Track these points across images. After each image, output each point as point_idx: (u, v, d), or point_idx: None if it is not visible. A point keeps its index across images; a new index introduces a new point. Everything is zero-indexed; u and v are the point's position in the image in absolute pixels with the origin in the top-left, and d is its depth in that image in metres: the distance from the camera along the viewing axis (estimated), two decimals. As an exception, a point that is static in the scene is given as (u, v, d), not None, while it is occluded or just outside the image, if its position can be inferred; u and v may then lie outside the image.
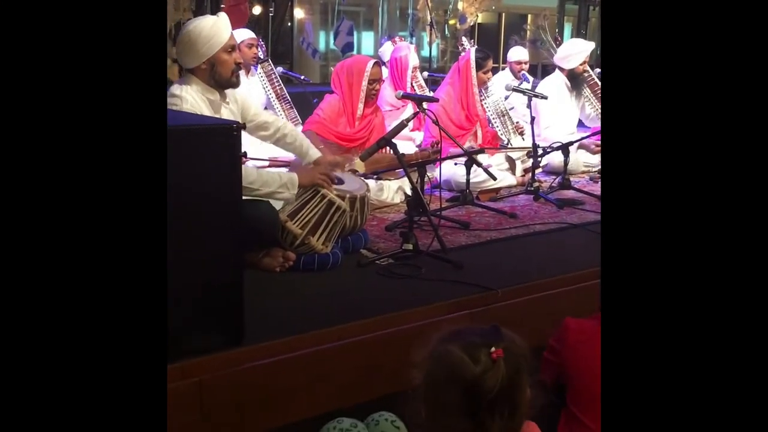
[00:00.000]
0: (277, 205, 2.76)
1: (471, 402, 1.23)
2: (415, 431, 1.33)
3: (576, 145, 4.61)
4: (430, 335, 1.33)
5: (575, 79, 5.05)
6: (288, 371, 2.09)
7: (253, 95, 4.62)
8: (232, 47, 2.78)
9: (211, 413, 1.95)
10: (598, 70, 5.47)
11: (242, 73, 3.50)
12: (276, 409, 2.07)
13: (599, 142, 4.84)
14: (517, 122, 4.80)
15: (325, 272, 2.72)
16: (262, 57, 4.73)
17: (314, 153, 3.11)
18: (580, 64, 5.01)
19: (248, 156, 3.43)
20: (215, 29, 2.73)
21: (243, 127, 2.00)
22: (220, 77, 2.77)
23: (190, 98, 2.68)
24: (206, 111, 2.73)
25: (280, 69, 5.07)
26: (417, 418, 1.31)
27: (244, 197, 2.13)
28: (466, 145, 4.10)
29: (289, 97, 4.84)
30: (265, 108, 4.80)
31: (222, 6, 6.73)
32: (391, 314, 2.32)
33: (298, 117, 4.76)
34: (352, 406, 2.14)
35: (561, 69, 5.09)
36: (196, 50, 2.71)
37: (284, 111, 4.78)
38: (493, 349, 1.24)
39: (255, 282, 2.46)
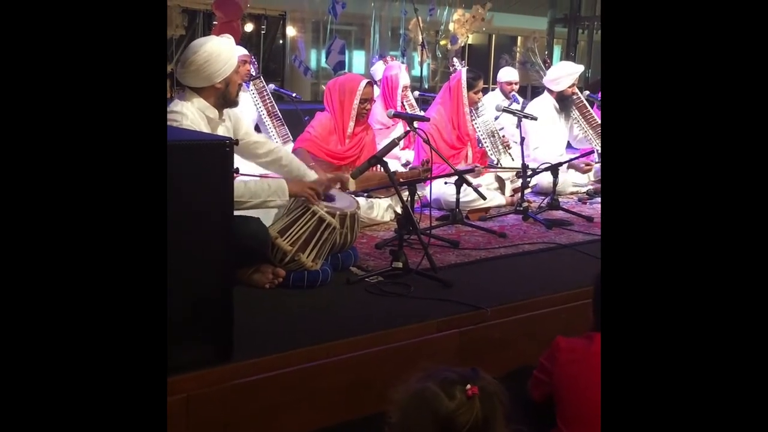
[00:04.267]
0: (267, 221, 2.76)
1: None
2: None
3: (566, 165, 4.65)
4: (410, 374, 1.34)
5: (564, 101, 5.10)
6: (276, 388, 2.08)
7: (245, 112, 4.63)
8: (238, 66, 2.84)
9: (198, 430, 1.94)
10: (587, 92, 5.52)
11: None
12: (264, 426, 2.05)
13: (589, 162, 4.88)
14: (503, 136, 4.84)
15: (314, 289, 2.71)
16: (254, 74, 4.75)
17: (311, 175, 3.10)
18: (569, 87, 5.06)
19: (240, 172, 3.43)
20: (230, 51, 2.78)
21: (236, 143, 2.00)
22: (229, 96, 2.82)
23: (190, 114, 2.69)
24: (204, 128, 2.74)
25: (271, 86, 5.08)
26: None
27: (234, 212, 2.13)
28: (458, 167, 4.12)
29: (280, 114, 4.85)
30: (256, 125, 4.82)
31: (214, 23, 6.76)
32: (380, 332, 2.32)
33: (289, 134, 4.77)
34: (340, 424, 2.13)
35: (550, 91, 5.14)
36: (213, 71, 2.73)
37: (275, 128, 4.78)
38: (468, 386, 1.26)
39: (244, 298, 2.45)
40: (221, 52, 2.73)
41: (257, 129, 4.84)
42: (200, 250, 1.92)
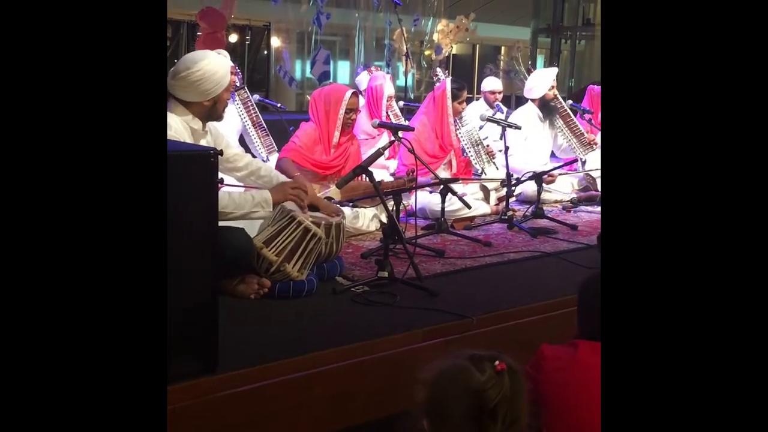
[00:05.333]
0: (252, 231, 2.76)
1: (475, 409, 1.28)
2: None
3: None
4: (436, 359, 1.38)
5: (547, 107, 5.14)
6: (263, 399, 2.07)
7: (229, 122, 4.62)
8: (229, 85, 2.85)
9: (184, 442, 1.93)
10: (570, 101, 5.56)
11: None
12: (250, 437, 2.05)
13: (552, 174, 4.87)
14: (487, 145, 4.87)
15: (300, 299, 2.70)
16: (238, 84, 4.74)
17: (287, 180, 3.12)
18: (549, 90, 5.11)
19: (224, 182, 3.42)
20: (225, 70, 2.80)
21: (220, 153, 2.00)
22: (216, 112, 2.83)
23: (174, 125, 2.69)
24: (188, 139, 2.74)
25: (256, 97, 5.08)
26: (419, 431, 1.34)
27: (219, 223, 2.12)
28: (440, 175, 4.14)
29: (264, 125, 4.84)
30: (240, 135, 4.82)
31: (198, 33, 6.75)
32: (366, 342, 2.32)
33: (274, 144, 4.76)
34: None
35: (532, 99, 5.19)
36: (206, 89, 2.74)
37: (260, 138, 4.77)
38: (497, 362, 1.31)
39: (229, 309, 2.44)
40: (217, 71, 2.74)
41: (241, 139, 4.84)
42: (185, 261, 1.92)
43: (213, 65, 2.74)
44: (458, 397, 1.29)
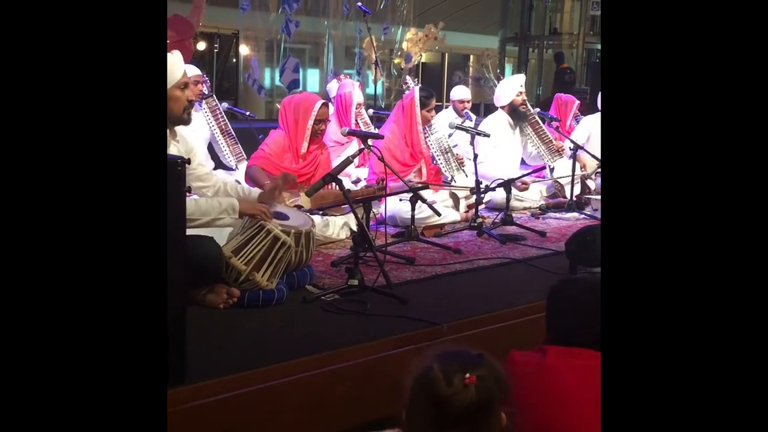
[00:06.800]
0: (221, 240, 2.73)
1: (439, 415, 1.34)
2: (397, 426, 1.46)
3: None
4: (429, 351, 1.44)
5: (516, 113, 5.19)
6: (232, 410, 2.05)
7: (198, 131, 4.58)
8: (185, 84, 2.75)
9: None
10: (538, 109, 5.62)
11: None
12: (219, 449, 2.02)
13: (525, 180, 4.92)
14: (457, 154, 4.90)
15: (269, 308, 2.69)
16: (206, 92, 4.71)
17: (255, 192, 3.09)
18: (516, 96, 5.16)
19: (192, 191, 3.39)
20: (171, 66, 2.71)
21: (188, 162, 1.98)
22: (171, 114, 2.73)
23: None
24: None
25: (224, 105, 5.05)
26: (399, 416, 1.42)
27: (187, 231, 2.10)
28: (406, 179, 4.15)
29: (233, 133, 4.81)
30: (209, 143, 4.78)
31: (167, 41, 6.70)
32: (337, 350, 2.31)
33: (243, 153, 4.74)
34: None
35: (501, 107, 5.24)
36: None
37: (229, 146, 4.75)
38: (467, 375, 1.34)
39: (198, 319, 2.42)
40: None
41: (210, 147, 4.81)
42: (152, 271, 1.89)
43: None
44: (426, 403, 1.35)
